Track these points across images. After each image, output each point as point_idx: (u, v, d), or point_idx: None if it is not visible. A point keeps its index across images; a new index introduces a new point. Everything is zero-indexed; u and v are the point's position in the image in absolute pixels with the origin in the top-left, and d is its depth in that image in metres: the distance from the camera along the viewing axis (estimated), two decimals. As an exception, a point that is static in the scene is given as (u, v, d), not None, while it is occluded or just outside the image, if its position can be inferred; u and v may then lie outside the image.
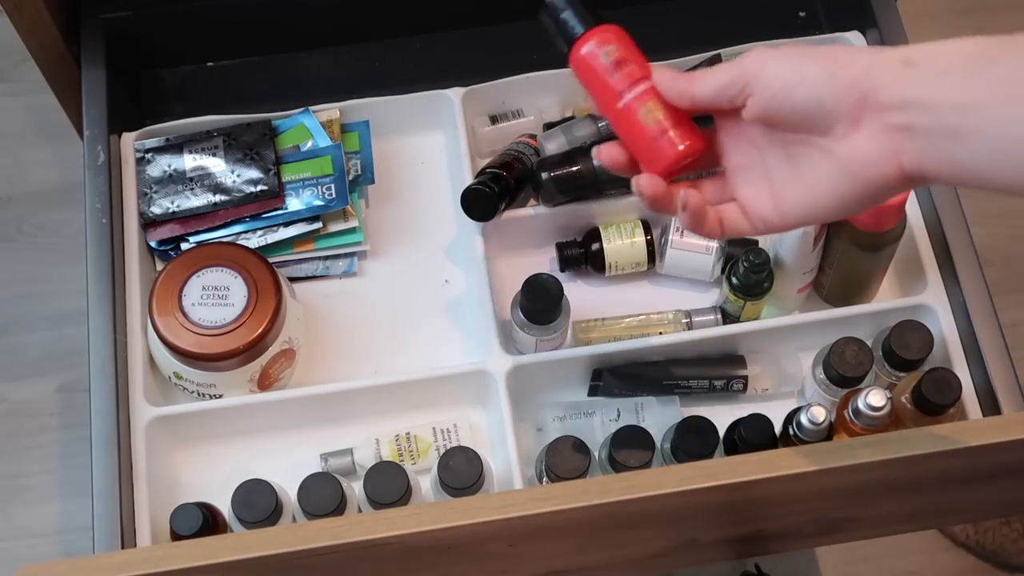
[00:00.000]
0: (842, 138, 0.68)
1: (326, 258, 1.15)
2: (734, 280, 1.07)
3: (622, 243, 1.12)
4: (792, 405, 1.08)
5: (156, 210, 1.12)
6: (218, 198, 1.12)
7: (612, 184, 1.11)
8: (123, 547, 0.99)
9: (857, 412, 0.98)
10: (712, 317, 1.11)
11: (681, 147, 0.75)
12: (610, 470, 1.01)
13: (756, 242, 1.10)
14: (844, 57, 0.69)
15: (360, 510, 1.01)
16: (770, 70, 0.70)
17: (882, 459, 0.80)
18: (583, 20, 0.79)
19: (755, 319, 1.11)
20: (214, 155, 1.14)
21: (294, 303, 1.10)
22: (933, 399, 0.98)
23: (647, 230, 1.12)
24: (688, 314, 1.12)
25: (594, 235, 1.13)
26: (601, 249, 1.12)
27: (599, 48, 0.78)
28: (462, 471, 0.98)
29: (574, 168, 1.09)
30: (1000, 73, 0.63)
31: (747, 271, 1.06)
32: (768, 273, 1.07)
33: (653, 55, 1.19)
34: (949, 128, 0.64)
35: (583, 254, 1.13)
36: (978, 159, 0.64)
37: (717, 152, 0.77)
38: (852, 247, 1.05)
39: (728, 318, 1.11)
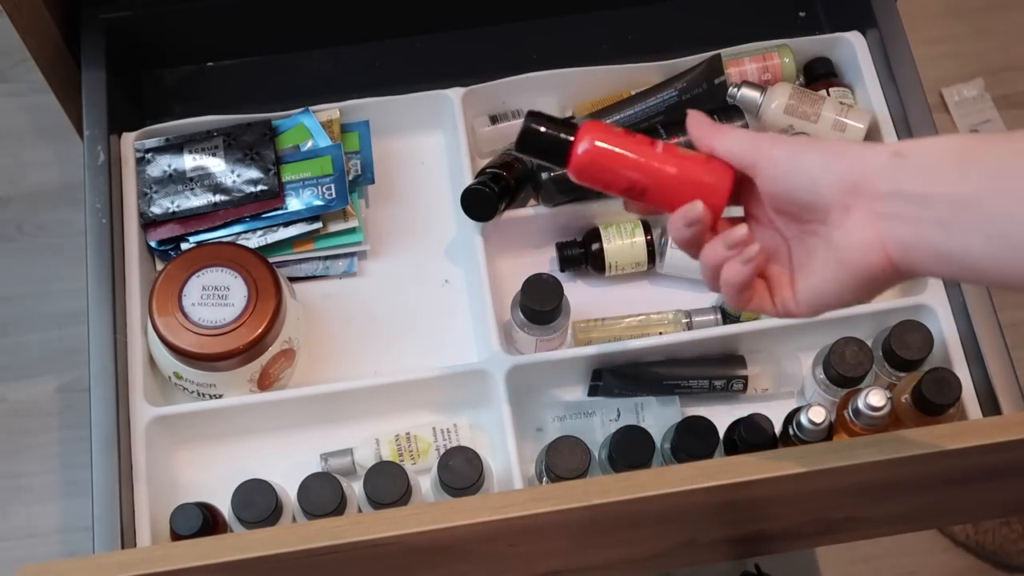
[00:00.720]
0: (837, 226, 0.72)
1: (326, 258, 1.15)
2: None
3: (622, 243, 1.12)
4: (792, 405, 1.08)
5: (156, 210, 1.12)
6: (218, 198, 1.12)
7: None
8: (123, 547, 0.99)
9: (857, 412, 0.98)
10: (712, 317, 1.11)
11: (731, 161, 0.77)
12: (610, 470, 1.01)
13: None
14: (839, 149, 0.72)
15: (360, 510, 1.01)
16: (773, 153, 0.74)
17: (882, 459, 0.80)
18: (566, 126, 0.79)
19: (755, 318, 1.11)
20: (214, 155, 1.14)
21: (294, 303, 1.10)
22: (933, 399, 0.98)
23: (647, 230, 1.12)
24: (688, 314, 1.12)
25: (594, 235, 1.13)
26: (601, 249, 1.12)
27: (602, 132, 0.78)
28: (462, 471, 0.98)
29: None
30: (987, 169, 0.65)
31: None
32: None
33: (653, 55, 1.21)
34: (939, 219, 0.67)
35: (583, 254, 1.13)
36: (971, 252, 0.66)
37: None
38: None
39: (728, 318, 1.11)
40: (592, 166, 0.79)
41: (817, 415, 0.98)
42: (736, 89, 1.15)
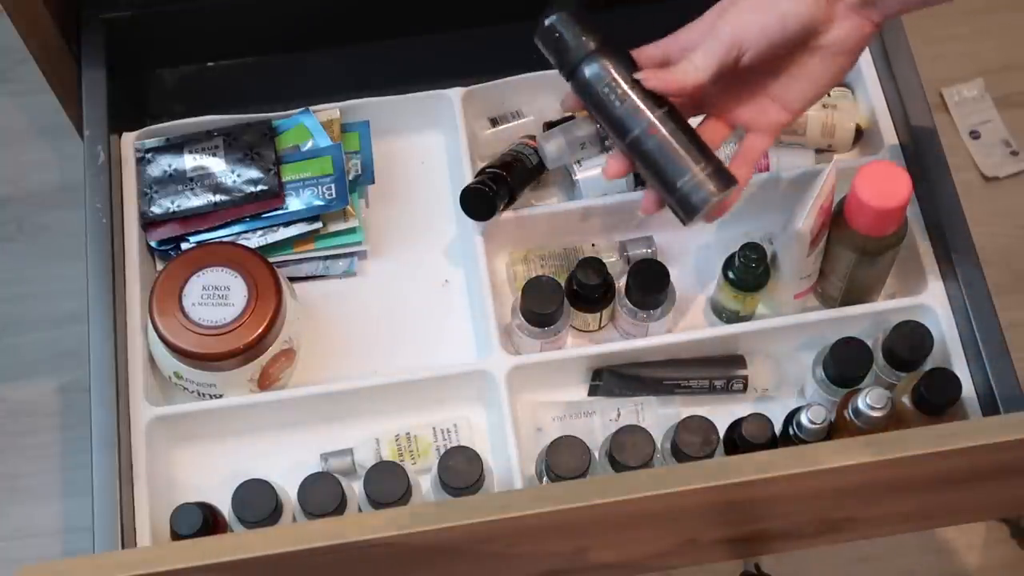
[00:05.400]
0: (825, 33, 0.86)
1: (326, 258, 1.15)
2: (731, 275, 1.07)
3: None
4: (792, 405, 1.08)
5: (156, 210, 1.12)
6: (218, 198, 1.12)
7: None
8: (123, 547, 0.99)
9: (857, 412, 0.98)
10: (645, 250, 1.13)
11: None
12: (610, 470, 1.01)
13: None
14: None
15: (360, 510, 1.01)
16: (751, 29, 0.85)
17: (882, 459, 0.80)
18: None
19: (752, 312, 1.10)
20: (214, 155, 1.14)
21: (294, 303, 1.10)
22: (933, 399, 0.98)
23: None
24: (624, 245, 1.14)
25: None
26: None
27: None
28: (462, 471, 0.98)
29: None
30: None
31: (744, 266, 1.06)
32: (764, 268, 1.07)
33: (653, 55, 1.20)
34: None
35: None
36: None
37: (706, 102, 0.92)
38: (854, 253, 1.04)
39: (723, 314, 1.11)
40: None
41: (817, 415, 0.98)
42: None
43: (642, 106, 0.91)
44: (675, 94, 0.88)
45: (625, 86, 0.91)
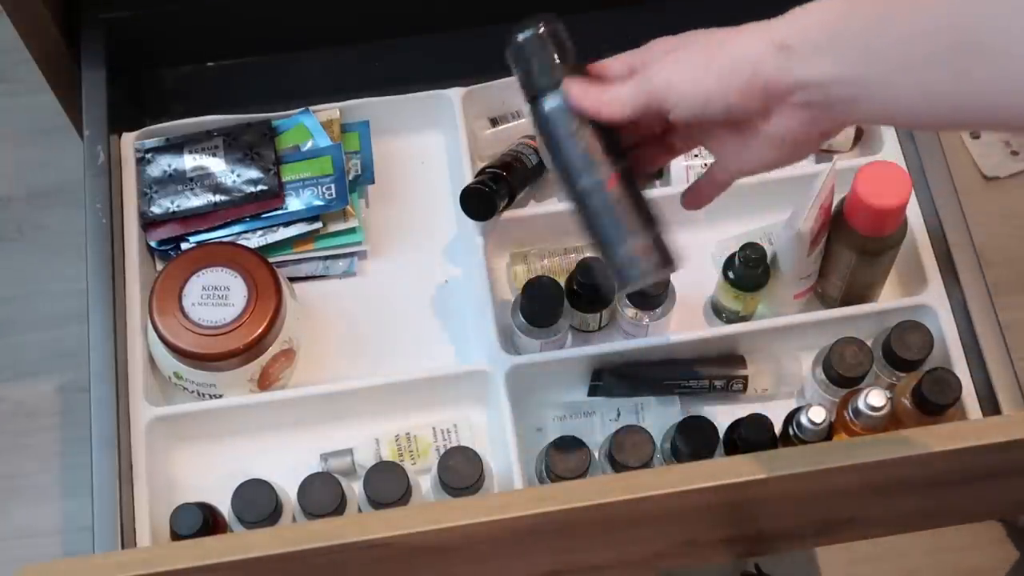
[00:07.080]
0: (763, 122, 0.75)
1: (326, 258, 1.15)
2: (731, 275, 1.07)
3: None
4: (792, 405, 1.08)
5: (156, 210, 1.12)
6: (218, 198, 1.12)
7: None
8: (123, 547, 0.99)
9: (857, 412, 0.98)
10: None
11: None
12: (610, 470, 1.01)
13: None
14: (731, 60, 0.74)
15: (360, 510, 1.01)
16: (677, 90, 0.76)
17: (882, 459, 0.80)
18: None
19: (752, 312, 1.11)
20: (214, 155, 1.14)
21: (294, 303, 1.10)
22: (933, 399, 0.98)
23: None
24: None
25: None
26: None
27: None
28: (462, 471, 0.98)
29: None
30: (857, 47, 0.68)
31: (744, 266, 1.06)
32: (764, 268, 1.07)
33: (653, 55, 1.20)
34: (842, 97, 0.70)
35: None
36: (880, 111, 0.70)
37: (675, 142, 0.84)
38: (854, 253, 1.04)
39: (723, 314, 1.11)
40: None
41: (817, 415, 0.98)
42: None
43: (602, 157, 0.80)
44: (592, 118, 0.80)
45: (587, 131, 0.80)
